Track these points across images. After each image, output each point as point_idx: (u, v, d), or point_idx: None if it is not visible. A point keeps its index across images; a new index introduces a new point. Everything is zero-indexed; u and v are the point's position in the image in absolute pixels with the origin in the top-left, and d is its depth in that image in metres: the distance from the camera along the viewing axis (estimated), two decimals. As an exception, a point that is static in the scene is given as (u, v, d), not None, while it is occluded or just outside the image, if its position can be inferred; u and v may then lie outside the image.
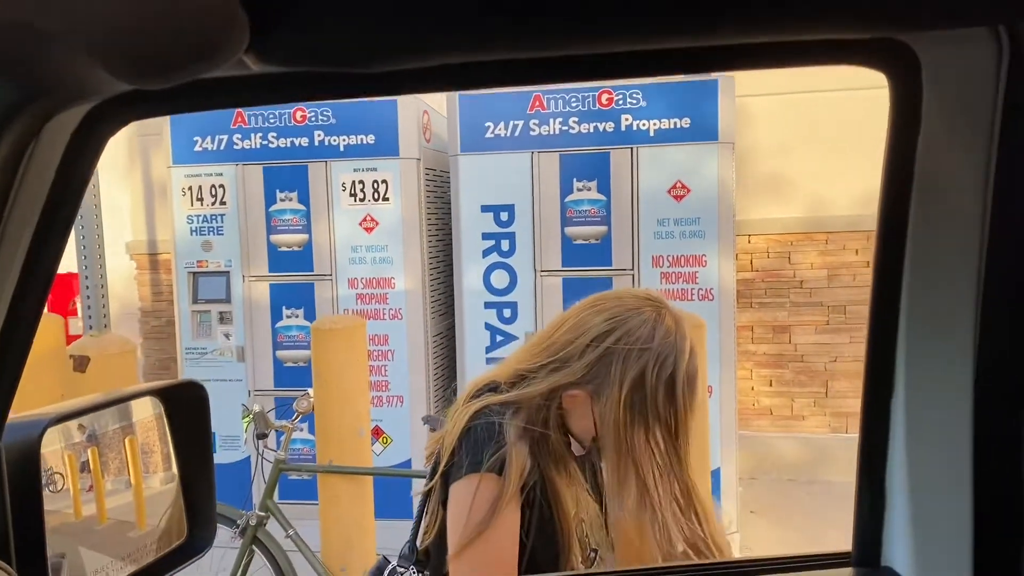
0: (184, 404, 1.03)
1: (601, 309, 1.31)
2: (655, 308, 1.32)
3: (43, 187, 0.74)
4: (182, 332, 4.98)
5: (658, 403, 1.25)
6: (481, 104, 4.52)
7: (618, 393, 1.24)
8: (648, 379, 1.25)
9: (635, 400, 1.24)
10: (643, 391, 1.25)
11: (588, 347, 1.27)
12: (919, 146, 0.76)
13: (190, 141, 4.83)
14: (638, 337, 1.27)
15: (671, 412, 1.26)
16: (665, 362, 1.26)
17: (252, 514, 3.42)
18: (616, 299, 1.35)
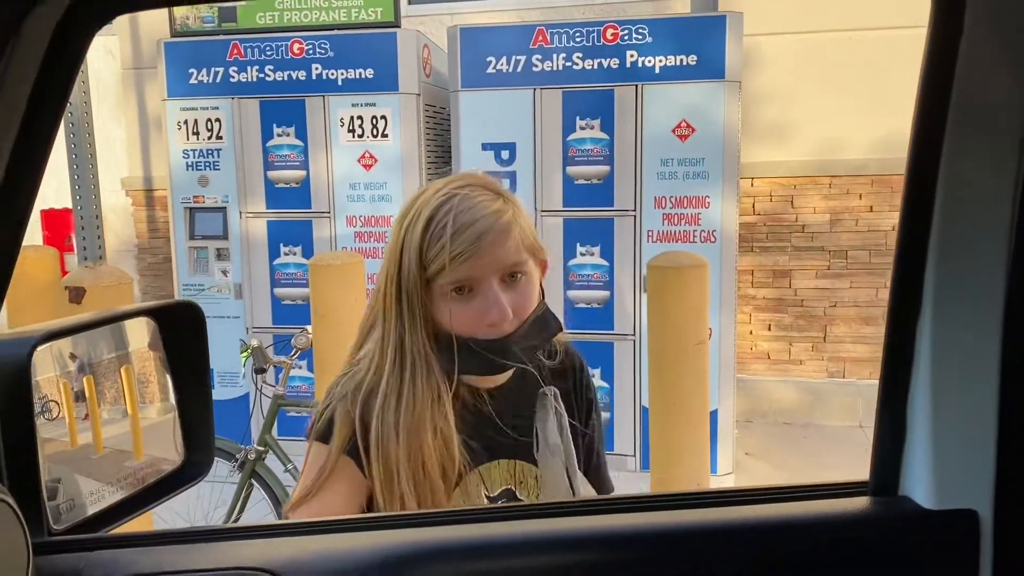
0: (180, 325, 0.99)
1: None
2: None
3: (27, 83, 0.69)
4: (179, 268, 4.95)
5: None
6: (483, 38, 4.41)
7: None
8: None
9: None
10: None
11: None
12: (959, 59, 0.71)
13: (185, 73, 4.73)
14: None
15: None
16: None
17: (251, 448, 3.43)
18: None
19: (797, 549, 0.77)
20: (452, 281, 1.15)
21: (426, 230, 1.15)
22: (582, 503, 0.86)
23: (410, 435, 1.16)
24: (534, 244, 1.22)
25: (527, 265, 1.20)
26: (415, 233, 1.16)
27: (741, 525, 0.78)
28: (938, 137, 0.74)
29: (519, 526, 0.80)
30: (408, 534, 0.79)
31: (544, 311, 1.23)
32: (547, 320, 1.24)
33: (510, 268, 1.17)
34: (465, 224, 1.13)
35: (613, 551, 0.78)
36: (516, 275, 1.18)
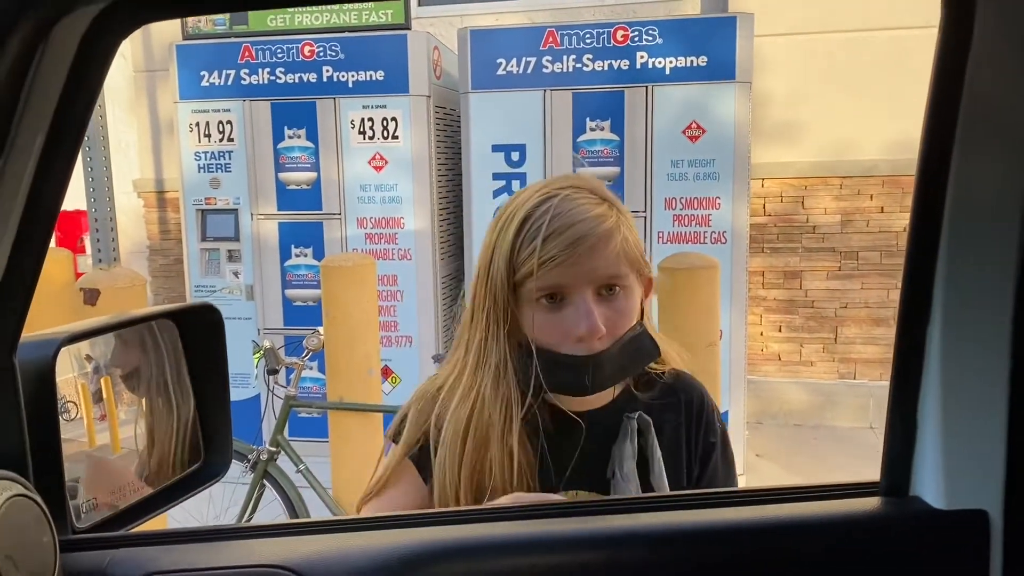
0: (199, 328, 1.01)
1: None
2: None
3: (53, 94, 0.71)
4: (191, 270, 4.98)
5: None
6: (493, 40, 4.43)
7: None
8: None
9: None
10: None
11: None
12: (970, 59, 0.72)
13: (197, 76, 4.76)
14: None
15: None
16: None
17: (263, 449, 3.45)
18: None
19: (808, 549, 0.78)
20: (541, 287, 1.06)
21: (519, 231, 1.07)
22: (595, 503, 0.87)
23: (476, 441, 1.10)
24: (638, 258, 1.11)
25: (627, 279, 1.09)
26: (508, 233, 1.08)
27: (752, 525, 0.79)
28: (948, 140, 0.75)
29: (536, 525, 0.81)
30: (425, 532, 0.80)
31: (640, 332, 1.11)
32: (643, 342, 1.11)
33: (606, 280, 1.07)
34: (561, 227, 1.04)
35: (625, 551, 0.79)
36: (613, 288, 1.08)
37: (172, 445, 1.08)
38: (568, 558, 0.77)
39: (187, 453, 1.08)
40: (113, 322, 0.95)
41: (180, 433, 1.09)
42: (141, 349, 1.06)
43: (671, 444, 1.17)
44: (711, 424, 1.21)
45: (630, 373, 1.15)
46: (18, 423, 0.77)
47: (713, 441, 1.20)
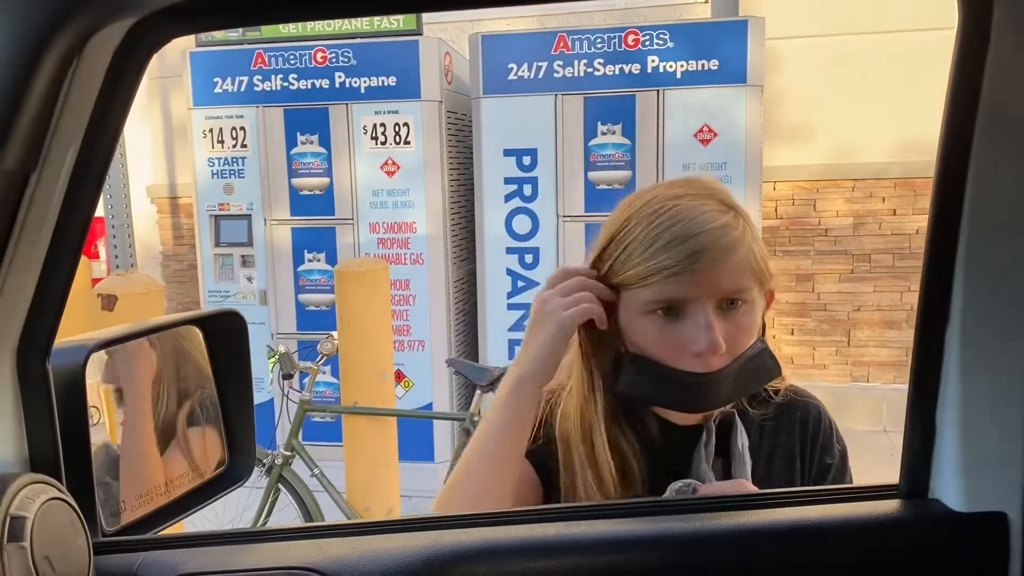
0: (223, 334, 1.03)
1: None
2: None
3: (87, 108, 0.73)
4: (205, 275, 5.02)
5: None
6: (504, 45, 4.44)
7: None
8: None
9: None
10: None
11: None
12: (987, 64, 0.73)
13: (210, 83, 4.80)
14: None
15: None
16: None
17: (278, 453, 3.47)
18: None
19: (827, 552, 0.79)
20: (660, 300, 1.00)
21: (638, 234, 1.01)
22: (614, 506, 0.87)
23: (584, 434, 1.06)
24: (763, 270, 1.04)
25: (750, 293, 1.02)
26: (631, 228, 1.02)
27: (771, 529, 0.79)
28: (966, 143, 0.75)
29: (561, 527, 0.82)
30: (449, 535, 0.81)
31: (761, 350, 1.05)
32: (763, 361, 1.05)
33: (730, 294, 1.00)
34: (683, 235, 0.98)
35: (646, 554, 0.80)
36: (736, 302, 1.01)
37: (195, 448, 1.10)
38: (593, 560, 0.78)
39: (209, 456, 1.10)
40: (140, 329, 0.96)
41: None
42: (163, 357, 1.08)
43: (784, 465, 1.13)
44: (828, 444, 1.16)
45: (748, 392, 1.09)
46: (51, 427, 0.79)
47: (830, 463, 1.15)
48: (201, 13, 0.71)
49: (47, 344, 0.79)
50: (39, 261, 0.75)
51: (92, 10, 0.68)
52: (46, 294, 0.77)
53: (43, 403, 0.78)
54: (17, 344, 0.77)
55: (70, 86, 0.70)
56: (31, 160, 0.70)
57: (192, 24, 0.72)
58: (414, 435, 4.50)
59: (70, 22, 0.67)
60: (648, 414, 1.09)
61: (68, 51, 0.68)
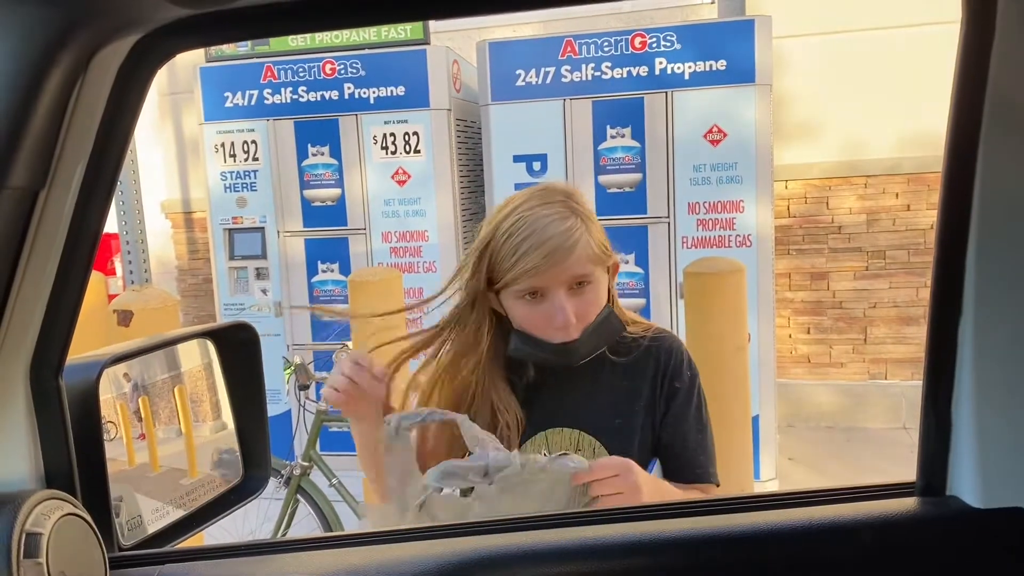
0: (235, 346, 1.03)
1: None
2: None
3: (93, 124, 0.73)
4: (220, 288, 5.04)
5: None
6: (511, 51, 4.45)
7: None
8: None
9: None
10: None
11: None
12: (992, 61, 0.72)
13: (221, 97, 4.83)
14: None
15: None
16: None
17: (296, 464, 3.48)
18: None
19: (846, 551, 0.78)
20: (525, 289, 1.34)
21: (505, 243, 1.34)
22: (627, 510, 0.87)
23: (454, 394, 1.46)
24: (601, 254, 1.37)
25: (592, 275, 1.36)
26: (498, 240, 1.36)
27: (789, 528, 0.79)
28: (974, 137, 0.75)
29: (577, 532, 0.82)
30: (464, 543, 0.81)
31: (608, 314, 1.39)
32: (611, 322, 1.40)
33: (577, 278, 1.34)
34: (537, 241, 1.31)
35: (660, 556, 0.79)
36: (582, 283, 1.35)
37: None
38: (608, 564, 0.78)
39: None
40: (153, 343, 0.97)
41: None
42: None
43: (640, 391, 1.44)
44: (677, 371, 1.46)
45: (602, 346, 1.41)
46: (66, 443, 0.79)
47: (678, 387, 1.45)
48: (204, 28, 0.71)
49: (60, 361, 0.79)
50: (50, 278, 0.76)
51: (96, 27, 0.68)
52: (58, 311, 0.78)
53: (57, 419, 0.79)
54: (30, 361, 0.77)
55: (76, 103, 0.71)
56: (39, 178, 0.70)
57: (196, 39, 0.73)
58: (431, 443, 4.49)
59: (74, 39, 0.67)
60: (528, 365, 1.45)
61: (73, 68, 0.69)
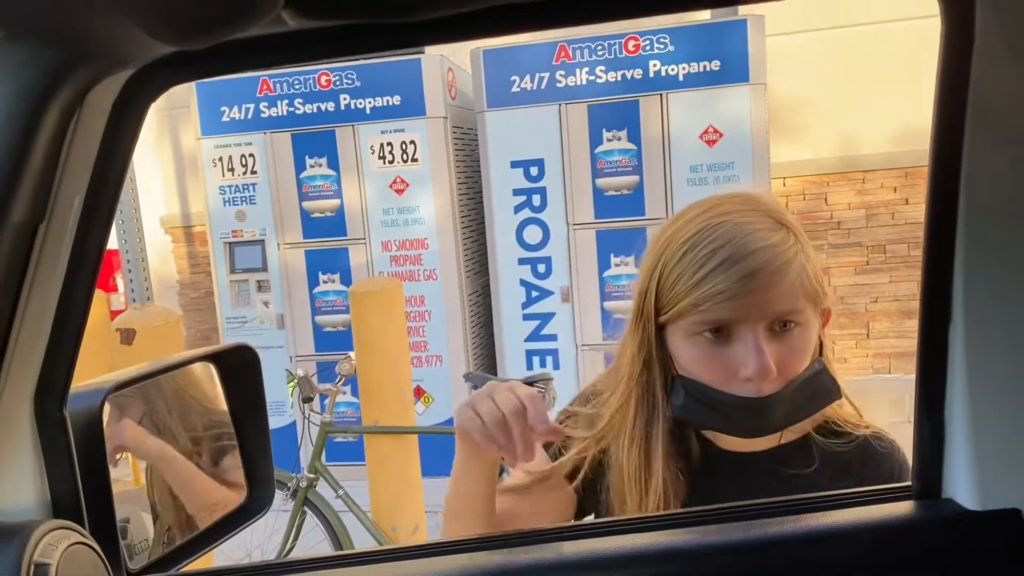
0: (236, 368, 1.04)
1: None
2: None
3: (89, 158, 0.74)
4: (221, 302, 5.06)
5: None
6: (506, 58, 4.47)
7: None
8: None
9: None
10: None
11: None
12: (973, 64, 0.73)
13: (218, 112, 4.85)
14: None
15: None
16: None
17: (302, 476, 3.49)
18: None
19: (844, 556, 0.79)
20: (708, 322, 0.96)
21: (684, 257, 0.97)
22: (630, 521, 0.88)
23: (641, 457, 1.04)
24: (817, 290, 1.00)
25: (803, 314, 0.98)
26: (671, 258, 0.98)
27: (788, 536, 0.79)
28: (958, 139, 0.76)
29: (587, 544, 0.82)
30: (477, 558, 0.81)
31: (819, 371, 1.00)
32: (821, 383, 1.00)
33: (782, 315, 0.96)
34: (734, 256, 0.94)
35: (661, 567, 0.80)
36: (788, 324, 0.97)
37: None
38: None
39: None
40: (155, 368, 0.98)
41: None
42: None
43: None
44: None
45: (805, 416, 1.02)
46: (71, 471, 0.80)
47: None
48: (198, 61, 0.72)
49: (64, 390, 0.80)
50: (52, 309, 0.77)
51: (91, 64, 0.70)
52: (60, 341, 0.78)
53: (62, 449, 0.80)
54: (34, 392, 0.78)
55: (73, 138, 0.72)
56: (38, 212, 0.71)
57: (190, 72, 0.74)
58: (437, 450, 4.50)
59: (70, 77, 0.68)
60: (693, 439, 1.05)
61: (69, 105, 0.70)
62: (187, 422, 1.05)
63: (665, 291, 0.98)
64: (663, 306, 0.99)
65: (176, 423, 1.05)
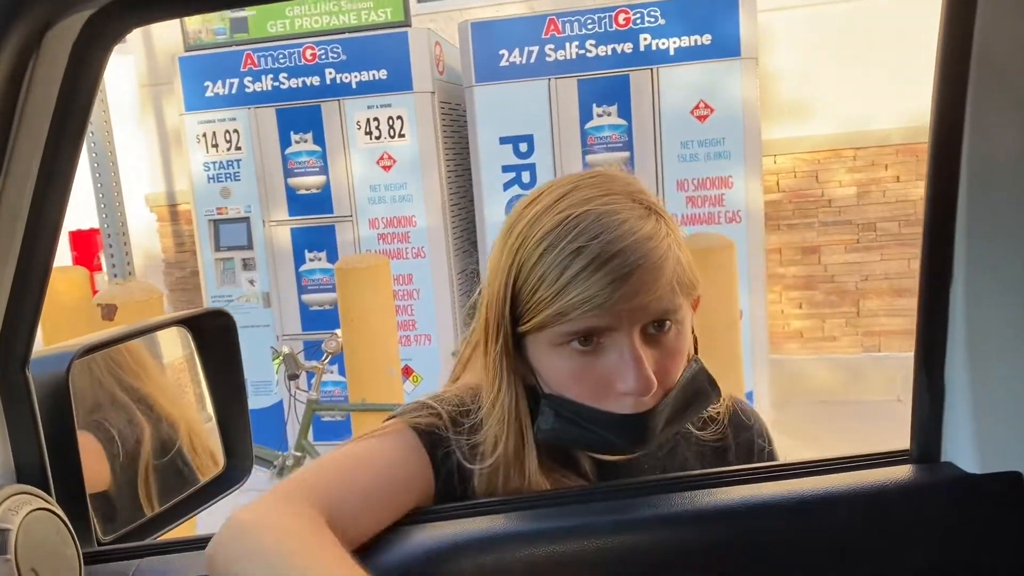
0: (212, 333, 1.01)
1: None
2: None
3: (49, 103, 0.70)
4: (207, 280, 5.01)
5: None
6: (494, 32, 4.41)
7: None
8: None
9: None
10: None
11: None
12: (976, 24, 0.70)
13: (201, 87, 4.78)
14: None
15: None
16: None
17: (288, 454, 3.47)
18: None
19: (842, 520, 0.77)
20: (574, 332, 0.82)
21: (543, 257, 0.82)
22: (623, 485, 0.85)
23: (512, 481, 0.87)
24: (692, 280, 0.86)
25: (681, 311, 0.84)
26: (527, 257, 0.83)
27: (785, 500, 0.77)
28: (960, 103, 0.73)
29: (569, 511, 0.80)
30: (450, 527, 0.79)
31: (696, 372, 0.89)
32: (700, 385, 0.89)
33: (658, 317, 0.82)
34: (603, 255, 0.79)
35: (653, 532, 0.78)
36: (664, 324, 0.83)
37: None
38: (603, 541, 0.76)
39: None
40: (126, 332, 0.94)
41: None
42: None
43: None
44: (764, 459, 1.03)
45: (684, 423, 0.92)
46: (35, 437, 0.77)
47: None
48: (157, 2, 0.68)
49: (25, 352, 0.77)
50: (11, 269, 0.73)
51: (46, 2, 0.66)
52: (21, 302, 0.75)
53: (25, 413, 0.76)
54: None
55: (30, 83, 0.68)
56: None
57: (149, 14, 0.70)
58: (425, 429, 4.49)
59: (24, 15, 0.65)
60: (579, 453, 0.92)
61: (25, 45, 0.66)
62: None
63: (523, 298, 0.83)
64: (522, 315, 0.84)
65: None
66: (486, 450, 0.87)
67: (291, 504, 0.75)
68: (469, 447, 0.88)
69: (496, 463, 0.86)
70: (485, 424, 0.88)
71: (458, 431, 0.88)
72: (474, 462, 0.87)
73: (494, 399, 0.87)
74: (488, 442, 0.87)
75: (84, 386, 0.94)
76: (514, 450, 0.86)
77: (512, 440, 0.86)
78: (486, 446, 0.87)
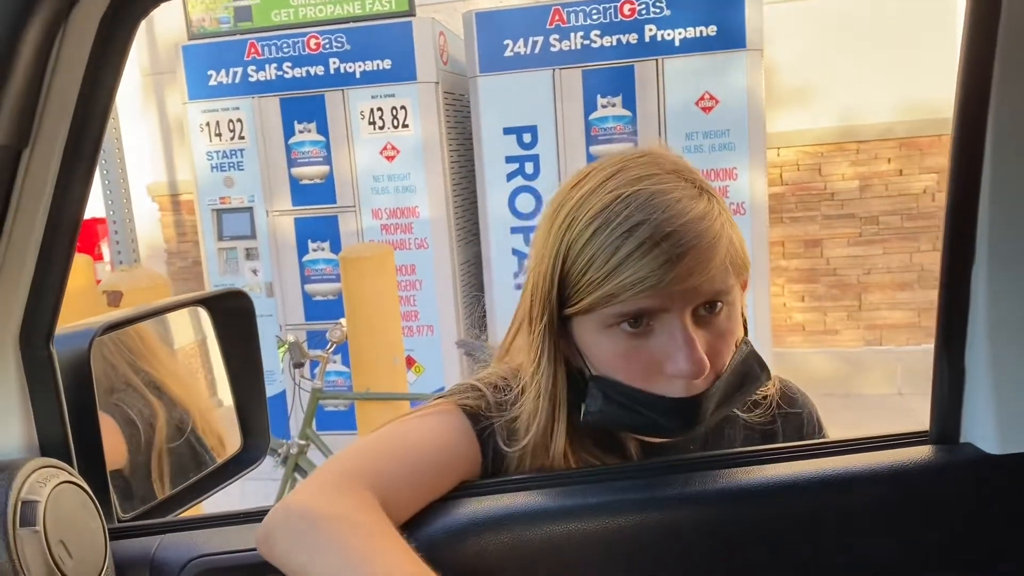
0: (230, 314, 1.01)
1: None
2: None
3: (76, 81, 0.70)
4: (210, 270, 5.00)
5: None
6: (498, 22, 4.40)
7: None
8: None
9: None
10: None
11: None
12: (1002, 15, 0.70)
13: (204, 76, 4.77)
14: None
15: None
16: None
17: (293, 443, 3.47)
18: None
19: (861, 500, 0.77)
20: (625, 313, 0.80)
21: (594, 237, 0.80)
22: (642, 466, 0.85)
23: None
24: (744, 261, 0.85)
25: (732, 292, 0.83)
26: (577, 238, 0.82)
27: (804, 480, 0.78)
28: (986, 78, 0.73)
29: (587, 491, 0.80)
30: (468, 505, 0.79)
31: (747, 355, 0.88)
32: (750, 367, 0.88)
33: (711, 298, 0.81)
34: (656, 235, 0.77)
35: (675, 511, 0.78)
36: (716, 306, 0.82)
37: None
38: (621, 520, 0.76)
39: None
40: (146, 311, 0.95)
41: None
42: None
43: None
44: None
45: (734, 407, 0.92)
46: (59, 412, 0.77)
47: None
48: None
49: (50, 327, 0.77)
50: (36, 243, 0.73)
51: (74, -25, 0.66)
52: (45, 278, 0.75)
53: (49, 388, 0.77)
54: (19, 329, 0.75)
55: (58, 56, 0.68)
56: (22, 136, 0.67)
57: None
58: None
59: (52, -12, 0.64)
60: (625, 436, 0.91)
61: (53, 18, 0.66)
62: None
63: (572, 280, 0.82)
64: (570, 296, 0.83)
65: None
66: (520, 428, 0.87)
67: (351, 488, 0.75)
68: (508, 429, 0.89)
69: (528, 444, 0.87)
70: (521, 402, 0.88)
71: (500, 412, 0.89)
72: (511, 445, 0.88)
73: (531, 377, 0.87)
74: (522, 419, 0.87)
75: (99, 370, 0.95)
76: (543, 428, 0.86)
77: (543, 419, 0.86)
78: (520, 424, 0.88)
